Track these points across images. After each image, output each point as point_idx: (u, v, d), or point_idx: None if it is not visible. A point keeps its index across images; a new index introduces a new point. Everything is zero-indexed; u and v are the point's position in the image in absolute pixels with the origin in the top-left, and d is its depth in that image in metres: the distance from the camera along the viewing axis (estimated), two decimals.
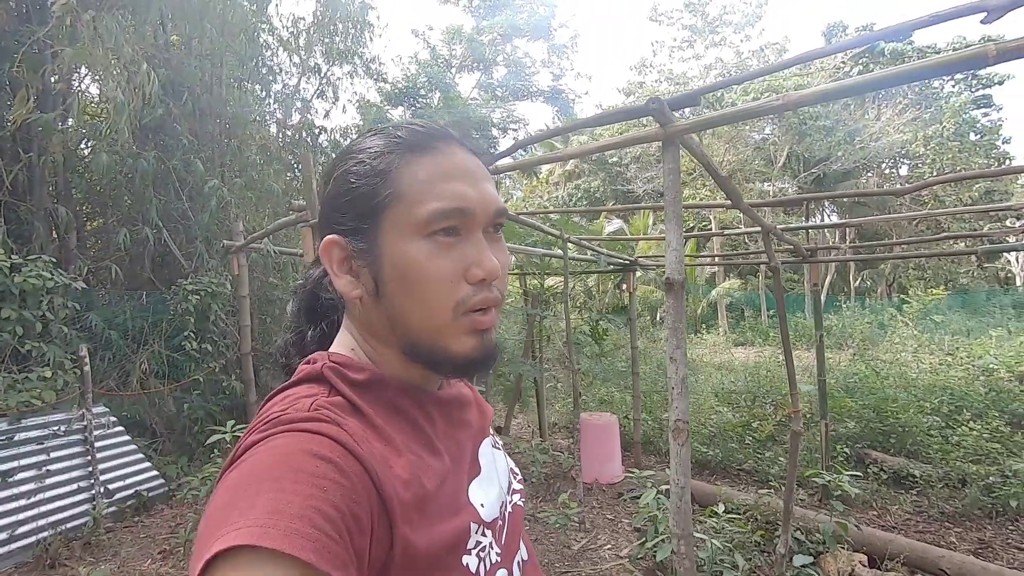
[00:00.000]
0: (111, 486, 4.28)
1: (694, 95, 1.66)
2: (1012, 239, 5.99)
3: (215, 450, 3.91)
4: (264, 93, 7.89)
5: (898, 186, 2.54)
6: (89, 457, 4.14)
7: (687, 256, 14.57)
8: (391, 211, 0.55)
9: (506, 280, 0.61)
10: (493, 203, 0.57)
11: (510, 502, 0.68)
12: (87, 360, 4.13)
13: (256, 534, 0.38)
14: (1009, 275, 23.18)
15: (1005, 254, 21.24)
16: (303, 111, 8.38)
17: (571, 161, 21.44)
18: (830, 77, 17.75)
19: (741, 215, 16.67)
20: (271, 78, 7.85)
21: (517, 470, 0.75)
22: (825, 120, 17.11)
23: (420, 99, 15.42)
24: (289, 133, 7.96)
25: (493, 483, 0.65)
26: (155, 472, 4.65)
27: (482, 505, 0.60)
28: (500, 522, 0.62)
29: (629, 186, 20.83)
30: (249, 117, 7.01)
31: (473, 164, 0.58)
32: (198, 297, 4.99)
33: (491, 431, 0.73)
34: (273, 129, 7.99)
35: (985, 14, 1.11)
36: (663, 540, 2.69)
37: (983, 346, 8.26)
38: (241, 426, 3.56)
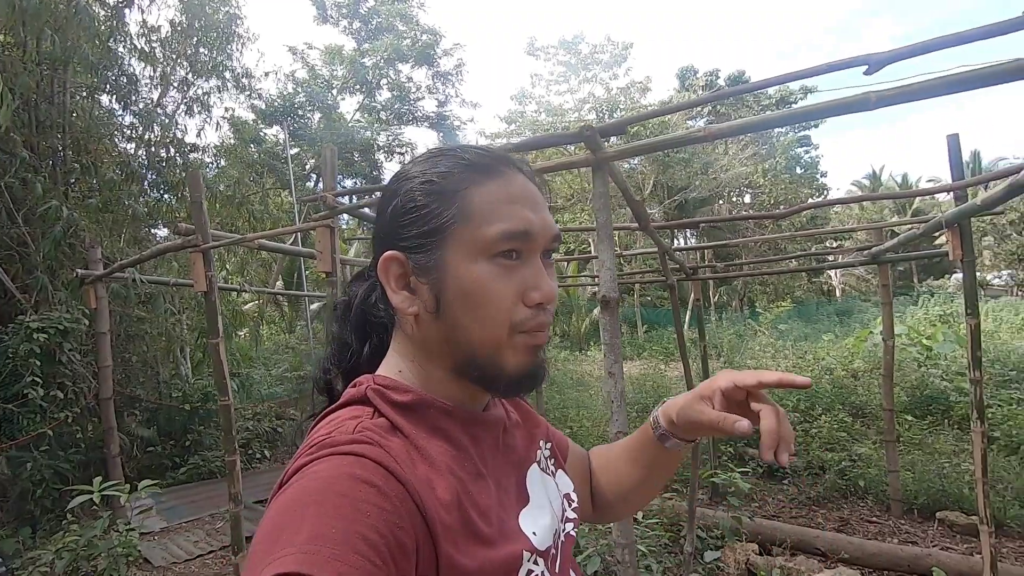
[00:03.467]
0: None
1: (621, 125, 1.79)
2: (831, 258, 7.15)
3: (69, 514, 3.33)
4: (121, 106, 7.06)
5: (780, 209, 2.91)
6: None
7: (570, 276, 15.30)
8: (458, 230, 0.56)
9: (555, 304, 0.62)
10: (551, 229, 0.60)
11: (563, 531, 0.67)
12: None
13: (301, 560, 0.38)
14: (831, 288, 27.33)
15: (827, 270, 25.01)
16: (167, 127, 7.60)
17: None
18: (685, 117, 19.92)
19: (617, 239, 17.89)
20: (128, 89, 7.04)
21: (574, 495, 0.73)
22: (684, 153, 19.07)
23: (299, 118, 14.71)
24: (152, 150, 7.16)
25: (545, 511, 0.64)
26: None
27: (534, 533, 0.59)
28: (553, 551, 0.62)
29: None
30: (102, 131, 6.22)
31: (533, 190, 0.61)
32: (45, 336, 4.25)
33: (543, 453, 0.72)
34: (131, 146, 7.15)
35: (867, 67, 1.34)
36: (589, 556, 2.75)
37: (822, 349, 9.59)
38: (112, 484, 3.08)
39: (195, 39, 8.00)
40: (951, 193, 3.05)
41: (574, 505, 0.72)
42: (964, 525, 3.99)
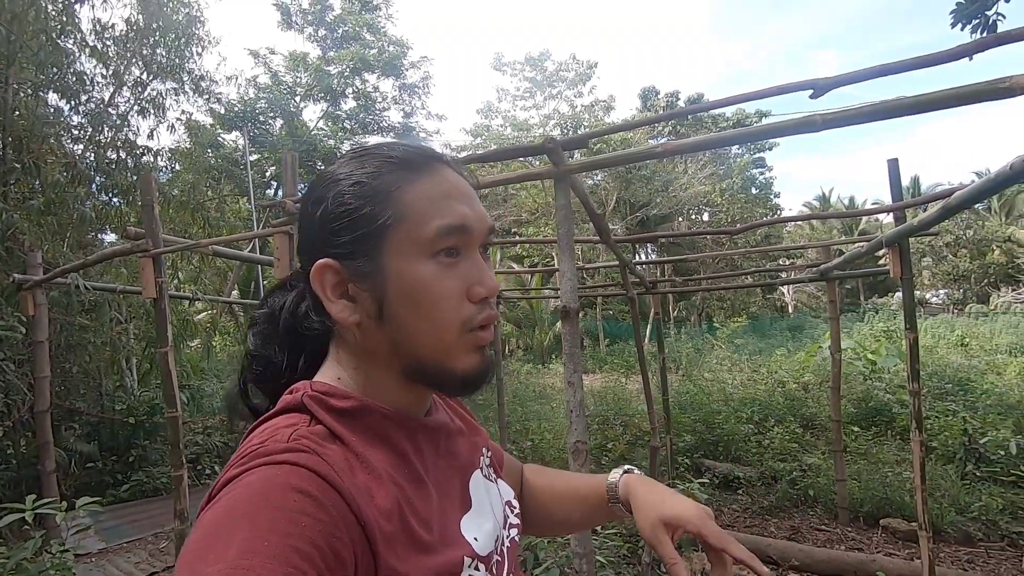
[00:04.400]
0: None
1: (583, 139, 1.83)
2: (783, 275, 7.47)
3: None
4: (68, 104, 6.76)
5: (737, 226, 3.02)
6: None
7: (532, 289, 15.39)
8: (394, 231, 0.54)
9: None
10: (487, 221, 0.59)
11: (507, 536, 0.67)
12: None
13: None
14: (784, 304, 28.35)
15: (780, 287, 25.96)
16: (118, 128, 7.31)
17: None
18: (647, 135, 20.46)
19: (580, 253, 18.11)
20: (77, 88, 6.74)
21: (516, 503, 0.74)
22: (645, 171, 19.55)
23: (260, 124, 14.41)
24: (101, 152, 6.87)
25: (487, 517, 0.64)
26: None
27: (476, 539, 0.59)
28: (496, 557, 0.62)
29: None
30: (47, 131, 5.93)
31: (464, 184, 0.60)
32: None
33: (484, 461, 0.72)
34: (79, 147, 6.84)
35: (812, 91, 1.42)
36: (548, 568, 2.75)
37: (776, 363, 9.92)
38: (46, 501, 2.89)
39: (151, 39, 7.76)
40: (891, 214, 3.23)
41: (516, 511, 0.72)
42: (905, 531, 4.17)
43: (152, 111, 7.89)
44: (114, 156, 6.79)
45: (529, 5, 72.61)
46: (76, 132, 6.89)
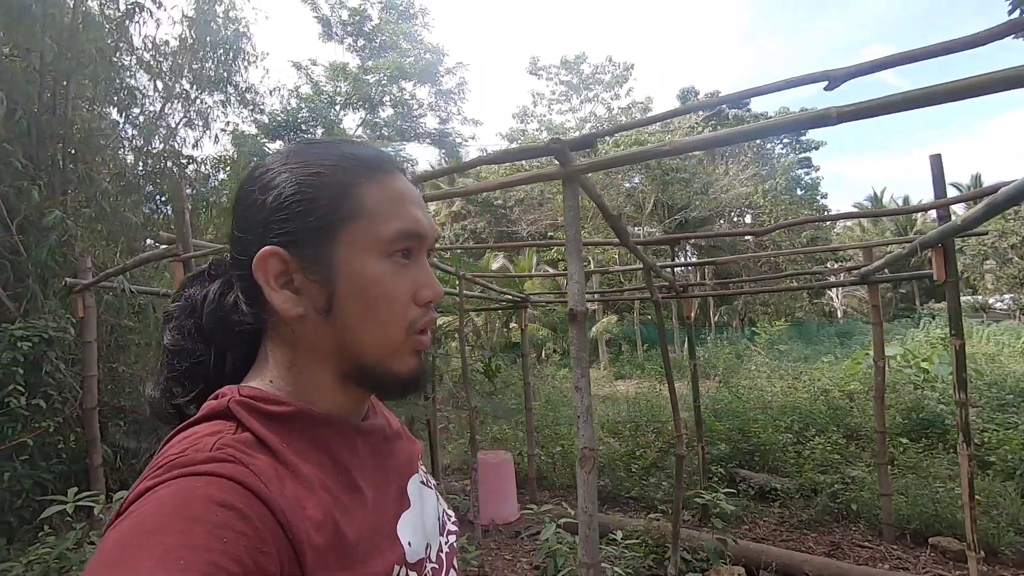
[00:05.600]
0: None
1: (590, 138, 1.80)
2: (832, 277, 7.12)
3: (46, 526, 3.28)
4: (122, 117, 7.15)
5: (758, 228, 2.91)
6: None
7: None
8: (352, 225, 0.54)
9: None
10: (435, 230, 0.60)
11: (445, 543, 0.66)
12: None
13: None
14: (832, 309, 27.22)
15: (828, 291, 24.93)
16: (167, 139, 7.69)
17: (457, 202, 21.78)
18: (686, 135, 20.07)
19: (618, 256, 17.91)
20: (130, 101, 7.13)
21: (451, 512, 0.72)
22: (684, 173, 19.19)
23: (301, 133, 14.88)
24: (150, 162, 7.23)
25: (423, 521, 0.62)
26: None
27: (409, 544, 0.57)
28: (431, 564, 0.60)
29: (513, 227, 21.58)
30: (101, 142, 6.27)
31: (415, 191, 0.61)
32: (30, 344, 4.23)
33: (421, 468, 0.70)
34: (131, 157, 7.22)
35: (827, 82, 1.34)
36: (568, 574, 2.70)
37: (819, 370, 9.51)
38: (88, 494, 3.04)
39: (200, 53, 8.13)
40: (936, 212, 3.05)
41: (453, 519, 0.71)
42: (956, 551, 3.91)
43: (200, 122, 8.27)
44: (163, 166, 7.12)
45: (565, 11, 72.50)
46: (127, 144, 7.26)
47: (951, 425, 5.87)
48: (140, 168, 7.04)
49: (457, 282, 4.27)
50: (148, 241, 6.27)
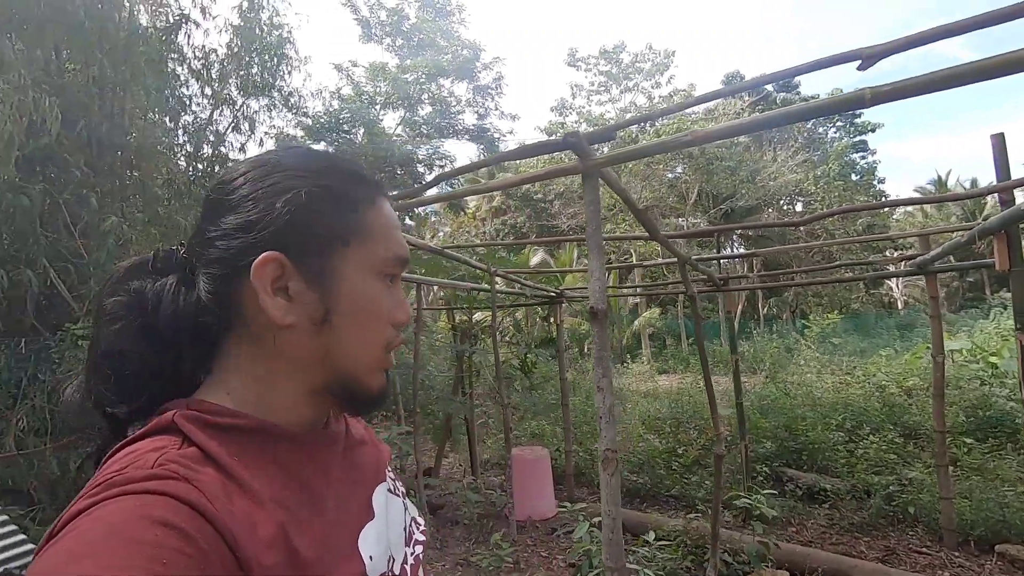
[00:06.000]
0: None
1: (609, 131, 1.74)
2: (891, 267, 6.71)
3: None
4: (172, 124, 7.49)
5: (796, 219, 2.77)
6: None
7: (610, 287, 15.09)
8: (357, 243, 0.55)
9: None
10: (409, 256, 0.62)
11: (411, 553, 0.64)
12: None
13: None
14: (892, 300, 25.81)
15: (887, 281, 23.65)
16: (216, 144, 8.00)
17: (497, 197, 21.81)
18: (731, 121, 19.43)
19: (660, 248, 17.55)
20: (180, 109, 7.47)
21: (420, 519, 0.70)
22: (729, 161, 18.56)
23: (343, 134, 15.22)
24: (201, 167, 7.56)
25: (387, 532, 0.60)
26: (31, 546, 4.05)
27: (371, 557, 0.55)
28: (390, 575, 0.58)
29: (554, 221, 21.45)
30: (154, 149, 6.59)
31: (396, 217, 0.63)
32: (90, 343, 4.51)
33: (390, 475, 0.68)
34: (183, 163, 7.57)
35: (860, 61, 1.25)
36: (599, 575, 2.66)
37: (876, 365, 9.02)
38: None
39: (246, 59, 8.42)
40: (999, 197, 2.82)
41: (422, 528, 0.69)
42: None
43: (246, 126, 8.57)
44: (209, 170, 7.42)
45: (604, 2, 71.22)
46: (179, 149, 7.60)
47: (1021, 424, 5.46)
48: (191, 173, 7.36)
49: (490, 279, 4.27)
50: None
